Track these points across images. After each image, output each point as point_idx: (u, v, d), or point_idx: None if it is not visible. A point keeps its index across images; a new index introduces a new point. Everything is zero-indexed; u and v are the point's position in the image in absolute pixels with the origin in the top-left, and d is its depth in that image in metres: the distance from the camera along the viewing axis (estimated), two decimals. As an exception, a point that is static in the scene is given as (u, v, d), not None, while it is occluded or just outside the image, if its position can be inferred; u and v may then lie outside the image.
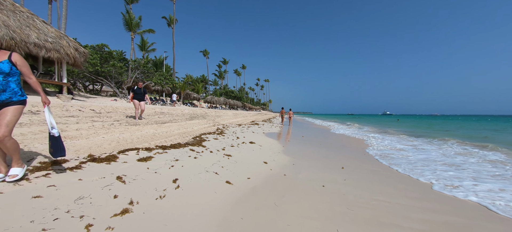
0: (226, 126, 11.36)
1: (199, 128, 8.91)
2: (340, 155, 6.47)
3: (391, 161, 5.73)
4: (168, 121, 9.48)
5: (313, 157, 5.83)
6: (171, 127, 8.06)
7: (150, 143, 5.06)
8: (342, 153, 6.74)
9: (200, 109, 23.62)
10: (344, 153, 6.74)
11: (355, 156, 6.34)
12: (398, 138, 10.99)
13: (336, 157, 6.09)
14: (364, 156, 6.48)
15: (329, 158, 5.79)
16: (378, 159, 6.00)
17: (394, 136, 12.28)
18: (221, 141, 6.57)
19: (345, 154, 6.67)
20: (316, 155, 6.09)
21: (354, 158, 6.12)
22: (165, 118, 10.25)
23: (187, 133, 7.38)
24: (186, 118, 11.86)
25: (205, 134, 7.48)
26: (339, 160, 5.58)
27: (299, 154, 5.99)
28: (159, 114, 11.34)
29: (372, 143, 9.11)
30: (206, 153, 4.82)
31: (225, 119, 16.06)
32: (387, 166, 5.25)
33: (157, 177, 2.98)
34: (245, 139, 7.47)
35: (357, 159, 6.02)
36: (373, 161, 5.78)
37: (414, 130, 17.80)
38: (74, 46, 11.87)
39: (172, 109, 14.74)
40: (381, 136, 12.24)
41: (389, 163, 5.53)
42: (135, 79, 25.22)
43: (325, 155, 6.28)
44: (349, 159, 5.90)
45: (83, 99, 14.82)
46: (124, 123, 7.17)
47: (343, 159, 5.75)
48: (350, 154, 6.64)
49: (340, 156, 6.21)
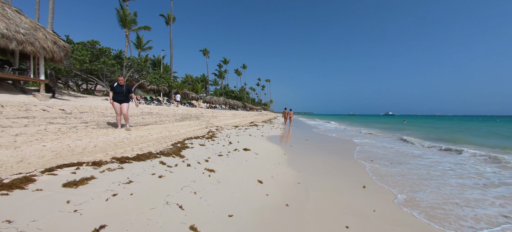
0: (220, 128, 10.12)
1: (186, 131, 7.68)
2: (355, 165, 5.20)
3: (431, 183, 4.45)
4: (152, 123, 8.25)
5: (323, 169, 4.57)
6: (151, 130, 6.82)
7: (109, 153, 3.84)
8: (356, 163, 5.48)
9: (196, 109, 22.41)
10: (359, 164, 5.48)
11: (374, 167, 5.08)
12: (420, 144, 9.61)
13: (350, 169, 4.83)
14: (394, 166, 5.22)
15: (343, 171, 4.53)
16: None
17: (406, 139, 10.95)
18: (208, 148, 5.33)
19: (360, 165, 5.40)
20: (326, 166, 4.84)
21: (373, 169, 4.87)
22: (150, 119, 9.04)
23: (168, 137, 6.15)
24: (177, 119, 10.64)
25: (191, 139, 6.25)
26: (356, 174, 4.33)
27: (304, 166, 4.74)
28: (145, 114, 10.12)
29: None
30: (181, 167, 3.59)
31: (221, 120, 14.82)
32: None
33: (67, 225, 1.75)
34: (238, 145, 6.22)
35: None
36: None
37: (437, 135, 15.12)
38: (52, 39, 10.71)
39: (163, 110, 13.54)
40: (395, 141, 10.97)
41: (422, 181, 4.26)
42: (128, 77, 24.10)
43: (337, 166, 5.02)
44: (367, 172, 4.63)
45: (67, 99, 13.65)
46: (92, 126, 5.95)
47: (360, 173, 4.50)
48: (374, 166, 5.38)
49: (355, 167, 4.96)
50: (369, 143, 9.32)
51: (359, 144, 9.06)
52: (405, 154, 6.89)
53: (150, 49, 34.96)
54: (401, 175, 4.40)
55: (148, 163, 3.58)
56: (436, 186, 3.81)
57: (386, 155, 6.69)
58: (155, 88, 30.07)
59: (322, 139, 10.51)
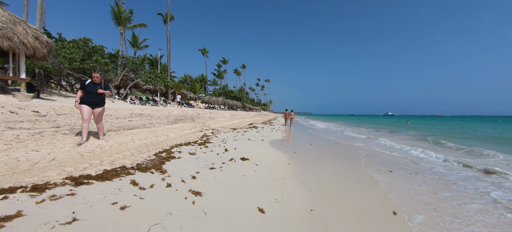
0: (216, 132, 9.27)
1: (177, 136, 6.82)
2: (372, 179, 4.36)
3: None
4: (139, 126, 7.40)
5: (337, 186, 3.73)
6: (136, 135, 5.97)
7: (66, 170, 2.99)
8: (373, 176, 4.64)
9: (193, 110, 21.55)
10: (375, 176, 4.64)
11: (402, 180, 4.24)
12: (449, 147, 8.73)
13: (369, 184, 3.99)
14: (420, 178, 4.38)
15: (361, 188, 3.69)
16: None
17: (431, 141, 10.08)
18: (199, 158, 4.49)
19: (378, 178, 4.56)
20: (340, 181, 3.99)
21: (400, 180, 4.03)
22: (138, 122, 8.18)
23: (154, 144, 5.30)
24: (169, 122, 9.79)
25: (180, 146, 5.40)
26: (377, 191, 3.49)
27: (314, 181, 3.90)
28: (134, 116, 9.26)
29: (420, 159, 7.02)
30: (158, 189, 2.75)
31: (219, 122, 13.97)
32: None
33: None
34: (235, 153, 5.38)
35: (413, 187, 3.92)
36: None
37: (458, 138, 13.37)
38: (33, 34, 9.84)
39: (157, 111, 12.67)
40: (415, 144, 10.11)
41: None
42: (123, 76, 23.21)
43: (353, 180, 4.18)
44: (389, 189, 3.79)
45: (54, 99, 12.78)
46: (64, 131, 5.09)
47: (381, 190, 3.66)
48: (396, 180, 4.54)
49: (374, 182, 4.11)
50: (382, 148, 8.49)
51: (368, 149, 8.23)
52: (429, 164, 6.05)
53: (146, 47, 34.05)
54: (431, 194, 3.57)
55: (115, 183, 2.73)
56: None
57: (405, 165, 5.86)
58: (152, 88, 29.19)
59: (328, 143, 9.67)
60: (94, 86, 4.74)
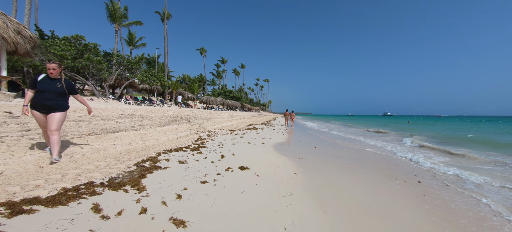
0: (212, 134, 8.57)
1: (168, 140, 6.11)
2: (394, 189, 3.68)
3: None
4: (127, 129, 6.67)
5: (360, 202, 3.04)
6: (120, 139, 5.24)
7: (7, 191, 2.28)
8: (391, 184, 3.95)
9: (190, 110, 20.81)
10: (396, 186, 3.95)
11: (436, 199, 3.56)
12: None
13: (401, 198, 3.30)
14: (460, 191, 3.70)
15: (391, 202, 3.00)
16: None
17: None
18: (190, 168, 3.78)
19: (416, 188, 3.88)
20: (361, 195, 3.30)
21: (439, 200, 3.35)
22: (127, 123, 7.45)
23: (139, 150, 4.59)
24: (162, 123, 9.07)
25: (169, 152, 4.69)
26: (431, 209, 2.80)
27: (329, 196, 3.20)
28: (124, 117, 8.54)
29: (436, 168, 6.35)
30: (129, 214, 2.05)
31: (216, 123, 13.25)
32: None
33: None
34: (233, 160, 4.68)
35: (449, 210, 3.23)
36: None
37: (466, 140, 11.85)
38: (15, 28, 9.10)
39: (150, 111, 11.95)
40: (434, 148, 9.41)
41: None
42: (117, 76, 22.43)
43: (370, 192, 3.48)
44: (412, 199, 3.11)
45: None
46: (32, 136, 4.37)
47: (406, 208, 2.97)
48: (434, 193, 3.86)
49: (397, 195, 3.43)
50: (395, 152, 7.82)
51: (379, 153, 7.55)
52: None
53: (143, 46, 33.27)
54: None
55: (69, 210, 2.03)
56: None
57: (433, 175, 5.18)
58: (148, 88, 28.40)
59: (333, 146, 8.99)
60: (50, 83, 3.38)
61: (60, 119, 3.42)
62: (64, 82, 3.54)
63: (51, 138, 3.30)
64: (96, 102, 15.75)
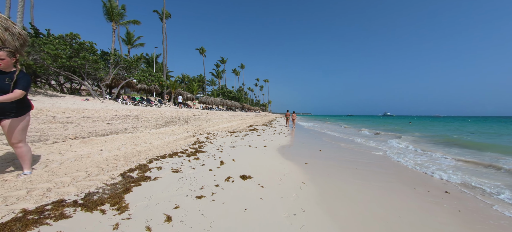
0: (211, 136, 8.08)
1: (162, 143, 5.62)
2: (431, 205, 3.21)
3: None
4: (119, 131, 6.18)
5: (385, 222, 2.57)
6: (109, 143, 4.75)
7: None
8: (431, 200, 3.48)
9: (188, 111, 20.32)
10: (424, 198, 3.48)
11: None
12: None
13: (432, 218, 2.83)
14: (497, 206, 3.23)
15: (427, 222, 2.53)
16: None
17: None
18: (184, 178, 3.30)
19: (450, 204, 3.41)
20: (384, 210, 2.83)
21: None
22: (119, 125, 6.97)
23: (128, 156, 4.10)
24: (158, 124, 8.58)
25: (163, 158, 4.21)
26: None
27: (346, 213, 2.73)
28: (117, 119, 8.05)
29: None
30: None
31: (216, 124, 12.77)
32: None
33: None
34: (233, 167, 4.21)
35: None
36: None
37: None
38: (2, 24, 8.58)
39: (147, 112, 11.46)
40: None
41: None
42: (115, 75, 21.92)
43: (393, 208, 3.02)
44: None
45: (33, 99, 11.54)
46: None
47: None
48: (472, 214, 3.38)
49: (439, 210, 2.96)
50: (405, 156, 7.34)
51: (388, 157, 7.08)
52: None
53: (141, 46, 32.71)
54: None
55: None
56: None
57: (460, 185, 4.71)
58: (146, 88, 27.90)
59: (339, 149, 8.52)
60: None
61: (16, 128, 2.52)
62: (19, 76, 2.47)
63: (15, 152, 2.62)
64: (91, 102, 15.27)
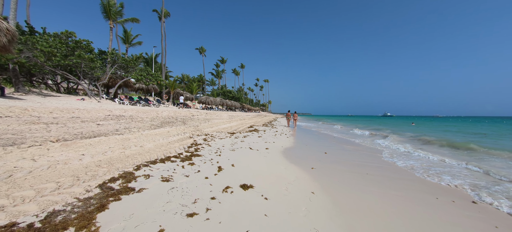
0: (209, 138, 7.61)
1: (155, 146, 5.13)
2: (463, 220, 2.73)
3: None
4: (108, 133, 5.69)
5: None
6: (92, 147, 4.26)
7: None
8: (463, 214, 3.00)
9: (187, 110, 19.85)
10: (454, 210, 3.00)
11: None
12: None
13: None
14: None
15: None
16: None
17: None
18: (175, 189, 2.83)
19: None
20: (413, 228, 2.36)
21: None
22: (110, 126, 6.48)
23: (112, 162, 3.62)
24: (154, 125, 8.10)
25: (153, 164, 3.73)
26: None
27: (372, 229, 2.26)
28: (110, 119, 7.57)
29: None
30: None
31: (215, 125, 12.29)
32: None
33: None
34: (233, 173, 3.73)
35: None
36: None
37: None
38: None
39: (143, 112, 10.98)
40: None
41: None
42: (112, 75, 21.42)
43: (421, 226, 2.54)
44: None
45: (24, 98, 11.09)
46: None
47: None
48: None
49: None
50: (413, 158, 6.86)
51: (398, 159, 6.60)
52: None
53: (139, 44, 32.20)
54: None
55: None
56: None
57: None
58: (144, 88, 27.39)
59: (344, 151, 8.05)
60: None
61: None
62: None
63: None
64: (87, 102, 14.81)
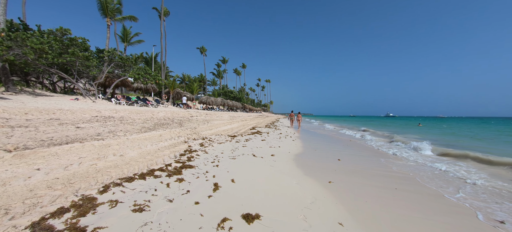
0: (207, 142, 6.74)
1: (140, 154, 4.28)
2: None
3: None
4: (86, 138, 4.85)
5: None
6: (58, 158, 3.41)
7: None
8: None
9: (186, 111, 19.03)
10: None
11: None
12: None
13: None
14: None
15: None
16: None
17: None
18: (148, 225, 1.97)
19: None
20: None
21: None
22: (92, 129, 5.64)
23: (73, 180, 2.76)
24: (145, 128, 7.26)
25: (128, 183, 2.87)
26: None
27: None
28: (95, 121, 6.74)
29: None
30: None
31: (214, 126, 11.43)
32: None
33: None
34: (232, 193, 2.86)
35: None
36: None
37: None
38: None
39: (136, 112, 10.16)
40: None
41: None
42: (108, 73, 20.64)
43: None
44: None
45: (10, 99, 10.31)
46: None
47: None
48: None
49: None
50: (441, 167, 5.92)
51: (426, 170, 5.67)
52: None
53: (138, 43, 31.45)
54: None
55: None
56: None
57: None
58: (143, 87, 26.63)
59: (357, 156, 7.15)
60: None
61: None
62: None
63: None
64: (81, 102, 14.03)
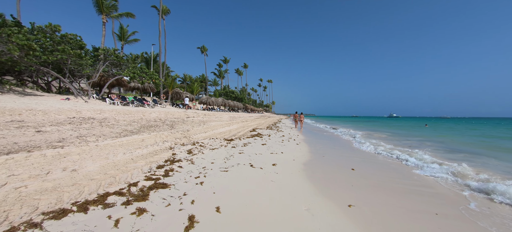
0: (197, 148, 5.76)
1: (101, 168, 3.31)
2: None
3: None
4: (37, 146, 3.90)
5: None
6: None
7: None
8: None
9: (183, 112, 18.10)
10: None
11: None
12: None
13: None
14: None
15: None
16: None
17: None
18: None
19: None
20: None
21: None
22: (56, 134, 4.70)
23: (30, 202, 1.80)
24: (128, 131, 6.31)
25: (54, 221, 1.91)
26: None
27: None
28: (69, 123, 5.80)
29: None
30: None
31: (211, 128, 10.45)
32: None
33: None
34: (213, 225, 1.88)
35: None
36: None
37: None
38: None
39: (123, 113, 9.22)
40: None
41: None
42: (103, 72, 19.79)
43: None
44: None
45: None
46: None
47: None
48: None
49: None
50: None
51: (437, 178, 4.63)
52: None
53: (136, 41, 30.65)
54: None
55: None
56: None
57: None
58: (141, 87, 25.78)
59: (371, 165, 6.13)
60: None
61: None
62: None
63: None
64: (72, 102, 13.18)
